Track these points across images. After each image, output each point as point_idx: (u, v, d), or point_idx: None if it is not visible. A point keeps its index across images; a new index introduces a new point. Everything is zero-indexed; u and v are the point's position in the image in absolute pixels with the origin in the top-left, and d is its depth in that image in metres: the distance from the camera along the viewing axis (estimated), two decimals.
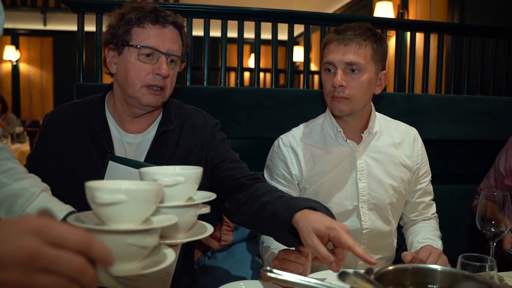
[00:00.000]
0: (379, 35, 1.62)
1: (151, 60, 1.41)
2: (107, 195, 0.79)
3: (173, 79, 1.48)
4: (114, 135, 1.49)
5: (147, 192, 0.84)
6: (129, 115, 1.50)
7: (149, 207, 0.85)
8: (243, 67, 2.42)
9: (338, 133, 1.67)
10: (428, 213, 1.80)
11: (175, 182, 0.95)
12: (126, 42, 1.41)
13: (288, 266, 1.26)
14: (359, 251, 1.09)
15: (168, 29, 1.44)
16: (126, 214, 0.82)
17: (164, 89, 1.44)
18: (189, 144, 1.53)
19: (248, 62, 8.66)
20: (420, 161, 1.75)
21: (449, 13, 4.54)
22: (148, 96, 1.42)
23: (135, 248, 0.82)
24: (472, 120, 2.45)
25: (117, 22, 1.43)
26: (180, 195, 0.98)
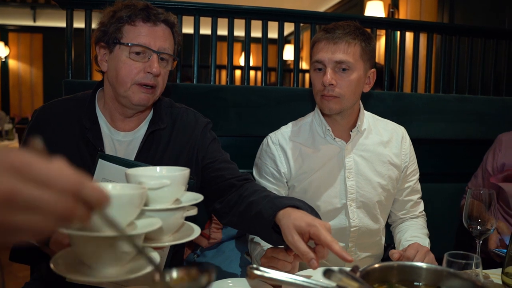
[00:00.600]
0: (368, 34, 1.63)
1: (142, 58, 1.40)
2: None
3: (165, 77, 1.47)
4: (105, 132, 1.48)
5: (130, 197, 0.82)
6: (120, 113, 1.49)
7: (132, 211, 0.83)
8: (233, 65, 2.41)
9: (327, 132, 1.67)
10: (416, 211, 1.81)
11: (161, 185, 0.93)
12: (117, 40, 1.40)
13: (276, 264, 1.27)
14: (337, 248, 1.09)
15: (160, 27, 1.43)
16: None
17: (155, 87, 1.43)
18: (180, 144, 1.52)
19: (239, 60, 8.64)
20: (408, 159, 1.77)
21: (439, 13, 4.57)
22: (139, 95, 1.41)
23: (118, 253, 0.81)
24: (461, 119, 2.47)
25: (108, 20, 1.42)
26: (166, 197, 0.96)
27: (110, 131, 1.49)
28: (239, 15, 2.35)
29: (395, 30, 2.71)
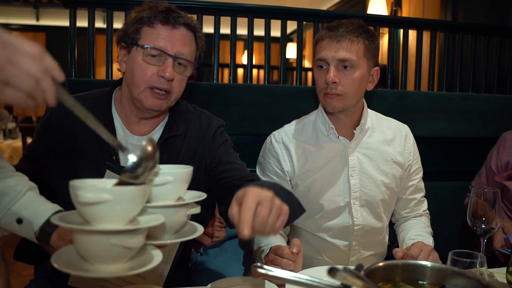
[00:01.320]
0: (371, 32, 1.63)
1: (157, 62, 1.36)
2: (91, 194, 0.77)
3: (181, 83, 1.43)
4: (120, 135, 1.46)
5: (132, 192, 0.81)
6: (135, 115, 1.46)
7: (135, 207, 0.83)
8: (236, 64, 2.41)
9: (330, 130, 1.67)
10: (419, 210, 1.81)
11: (164, 182, 0.93)
12: (135, 42, 1.38)
13: (279, 263, 1.27)
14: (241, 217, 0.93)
15: (179, 31, 1.39)
16: (110, 214, 0.79)
17: (169, 92, 1.39)
18: (192, 149, 1.50)
19: (242, 58, 8.65)
20: (412, 158, 1.76)
21: (442, 10, 4.55)
22: (151, 100, 1.38)
23: (120, 249, 0.80)
24: (464, 118, 2.46)
25: (131, 20, 1.40)
26: (169, 195, 0.96)
27: (125, 133, 1.46)
28: (242, 13, 2.35)
29: (398, 28, 2.71)
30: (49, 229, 1.12)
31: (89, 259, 0.82)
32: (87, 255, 0.82)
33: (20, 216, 1.12)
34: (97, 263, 0.82)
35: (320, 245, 1.72)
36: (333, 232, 1.70)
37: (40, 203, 1.16)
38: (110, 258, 0.82)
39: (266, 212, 0.95)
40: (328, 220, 1.69)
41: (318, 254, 1.74)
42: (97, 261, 0.82)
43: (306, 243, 1.71)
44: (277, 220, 0.98)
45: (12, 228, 1.13)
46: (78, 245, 0.82)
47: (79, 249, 0.82)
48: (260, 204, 0.95)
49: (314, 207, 1.68)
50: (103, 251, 0.80)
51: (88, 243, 0.80)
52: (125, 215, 0.82)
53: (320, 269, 1.38)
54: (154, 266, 0.84)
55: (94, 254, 0.81)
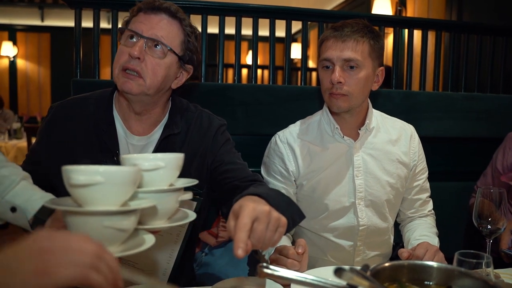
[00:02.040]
0: (376, 32, 1.62)
1: (132, 44, 1.36)
2: (83, 177, 0.78)
3: (156, 68, 1.38)
4: (120, 135, 1.46)
5: (124, 174, 0.83)
6: (131, 111, 1.45)
7: (126, 190, 0.84)
8: (240, 64, 2.41)
9: (335, 130, 1.67)
10: (425, 210, 1.80)
11: (155, 167, 0.94)
12: (121, 31, 1.41)
13: (285, 263, 1.26)
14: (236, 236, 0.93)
15: (159, 16, 1.39)
16: (102, 197, 0.80)
17: (140, 75, 1.36)
18: (193, 149, 1.50)
19: (246, 58, 8.64)
20: (417, 158, 1.76)
21: (447, 10, 4.54)
22: (123, 80, 1.35)
23: (113, 231, 0.81)
24: (469, 118, 2.46)
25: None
26: (161, 180, 0.97)
27: (126, 134, 1.47)
28: (247, 13, 2.35)
29: (403, 28, 2.70)
30: (43, 216, 1.13)
31: None
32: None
33: (14, 204, 1.13)
34: None
35: (325, 245, 1.72)
36: (338, 233, 1.70)
37: (34, 192, 1.16)
38: (103, 241, 0.82)
39: (263, 228, 0.96)
40: (333, 220, 1.69)
41: (323, 254, 1.74)
42: None
43: (311, 243, 1.70)
44: (274, 233, 0.99)
45: (6, 217, 1.14)
46: (71, 229, 0.83)
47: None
48: (256, 220, 0.95)
49: (319, 207, 1.68)
50: (95, 233, 0.81)
51: (81, 226, 0.82)
52: (117, 198, 0.83)
53: (325, 269, 1.37)
54: (146, 248, 0.86)
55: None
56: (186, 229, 1.37)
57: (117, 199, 0.83)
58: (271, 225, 0.98)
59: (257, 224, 0.95)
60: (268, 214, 0.98)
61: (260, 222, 0.96)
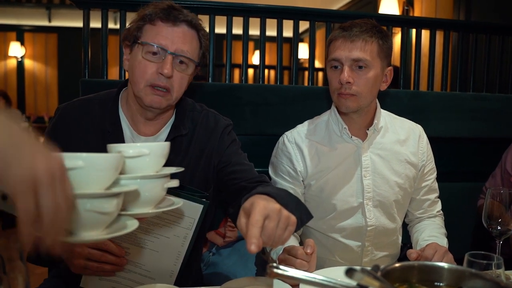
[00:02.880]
0: (385, 32, 1.62)
1: (157, 59, 1.36)
2: (65, 161, 0.78)
3: (182, 81, 1.41)
4: (127, 135, 1.46)
5: (105, 159, 0.84)
6: (141, 115, 1.46)
7: (107, 175, 0.85)
8: (247, 64, 2.41)
9: (343, 130, 1.66)
10: (433, 211, 1.80)
11: (139, 154, 0.95)
12: (136, 39, 1.38)
13: (294, 263, 1.26)
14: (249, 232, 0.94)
15: (180, 28, 1.38)
16: (84, 181, 0.81)
17: (169, 90, 1.38)
18: (199, 149, 1.50)
19: (252, 58, 8.64)
20: (426, 158, 1.75)
21: (455, 10, 4.52)
22: (151, 96, 1.37)
23: (95, 215, 0.82)
24: (478, 118, 2.44)
25: (134, 19, 1.41)
26: (145, 168, 0.97)
27: (132, 134, 1.47)
28: (254, 13, 2.35)
29: (411, 27, 2.69)
30: None
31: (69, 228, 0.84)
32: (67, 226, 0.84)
33: (4, 192, 1.14)
34: (74, 230, 0.84)
35: (333, 245, 1.72)
36: (346, 233, 1.69)
37: None
38: (86, 225, 0.83)
39: (274, 226, 0.97)
40: (341, 220, 1.69)
41: (331, 254, 1.73)
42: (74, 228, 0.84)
43: (319, 243, 1.70)
44: (284, 231, 1.00)
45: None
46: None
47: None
48: (267, 218, 0.97)
49: (327, 207, 1.68)
50: (78, 217, 0.82)
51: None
52: (98, 183, 0.84)
53: (334, 269, 1.37)
54: (130, 231, 0.87)
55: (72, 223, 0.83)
56: (193, 232, 1.36)
57: (98, 184, 0.84)
58: (281, 223, 0.99)
59: (268, 221, 0.96)
60: (279, 212, 0.99)
61: (271, 219, 0.97)
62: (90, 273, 1.28)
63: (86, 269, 1.25)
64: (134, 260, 1.35)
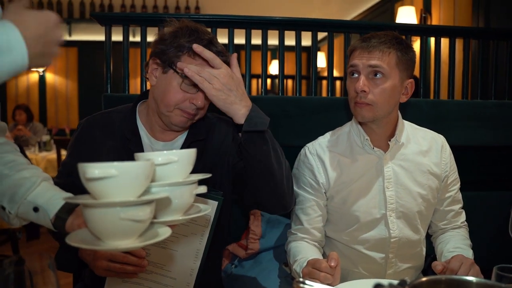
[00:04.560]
0: (406, 43, 1.61)
1: (190, 89, 1.43)
2: (97, 170, 0.81)
3: (206, 107, 1.51)
4: (145, 142, 1.55)
5: (138, 167, 0.86)
6: (160, 126, 1.54)
7: (140, 183, 0.86)
8: (267, 75, 2.43)
9: (365, 141, 1.66)
10: (457, 222, 1.77)
11: (168, 161, 0.96)
12: (174, 66, 1.43)
13: (318, 277, 1.26)
14: None
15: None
16: (117, 190, 0.83)
17: (196, 114, 1.49)
18: (216, 152, 1.58)
19: (269, 68, 8.68)
20: (449, 168, 1.73)
21: (474, 16, 4.47)
22: (180, 118, 1.46)
23: (129, 223, 0.83)
24: (501, 125, 2.40)
25: (170, 39, 1.44)
26: (174, 175, 0.99)
27: (150, 141, 1.55)
28: (272, 26, 2.37)
29: (430, 36, 2.68)
30: (64, 215, 1.19)
31: (101, 235, 0.87)
32: (99, 232, 0.86)
33: (36, 204, 1.19)
34: (109, 239, 0.86)
35: (356, 257, 1.71)
36: (369, 245, 1.68)
37: (55, 192, 1.22)
38: (121, 233, 0.85)
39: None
40: (364, 232, 1.68)
41: (354, 266, 1.72)
42: (108, 237, 0.86)
43: (342, 255, 1.69)
44: None
45: (29, 217, 1.21)
46: (90, 223, 0.86)
47: (91, 227, 0.87)
48: None
49: (350, 219, 1.67)
50: (112, 226, 0.84)
51: (98, 219, 0.85)
52: (131, 191, 0.85)
53: (358, 282, 1.37)
54: (163, 238, 0.89)
55: (104, 230, 0.85)
56: (209, 229, 1.43)
57: (131, 192, 0.85)
58: None
59: None
60: None
61: None
62: (113, 275, 1.31)
63: (109, 271, 1.29)
64: (154, 261, 1.38)
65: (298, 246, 1.65)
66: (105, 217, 0.84)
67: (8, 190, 1.19)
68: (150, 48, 1.52)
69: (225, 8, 7.36)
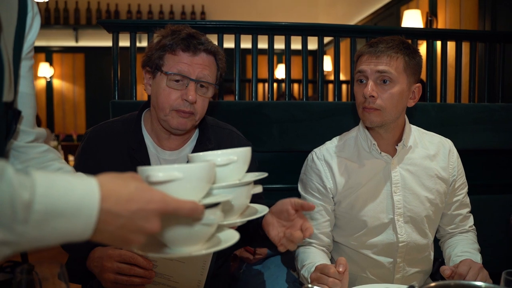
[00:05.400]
0: (413, 48, 1.62)
1: (180, 86, 1.44)
2: (161, 173, 0.78)
3: (204, 103, 1.50)
4: (151, 152, 1.54)
5: (200, 168, 0.83)
6: (165, 133, 1.54)
7: (204, 185, 0.84)
8: (273, 79, 2.43)
9: (372, 146, 1.66)
10: (465, 226, 1.77)
11: (228, 161, 0.93)
12: (159, 67, 1.46)
13: (326, 282, 1.27)
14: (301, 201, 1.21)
15: (200, 56, 1.46)
16: (182, 193, 0.78)
17: (193, 113, 1.47)
18: None
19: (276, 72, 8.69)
20: (456, 173, 1.73)
21: (480, 19, 4.46)
22: (177, 119, 1.46)
23: (200, 227, 0.81)
24: (509, 129, 2.40)
25: (154, 45, 1.48)
26: (232, 176, 0.96)
27: (157, 150, 1.55)
28: (279, 31, 2.38)
29: (437, 40, 2.68)
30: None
31: (169, 242, 0.84)
32: (168, 238, 0.84)
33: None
34: (177, 245, 0.84)
35: (364, 262, 1.71)
36: (377, 249, 1.68)
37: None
38: (191, 239, 0.83)
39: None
40: (372, 237, 1.68)
41: (362, 271, 1.72)
42: (176, 244, 0.84)
43: (350, 260, 1.69)
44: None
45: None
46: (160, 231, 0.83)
47: (161, 234, 0.83)
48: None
49: (358, 224, 1.67)
50: (184, 231, 0.81)
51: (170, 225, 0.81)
52: (196, 193, 0.82)
53: (366, 287, 1.37)
54: (233, 243, 0.86)
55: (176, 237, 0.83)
56: None
57: (196, 195, 0.82)
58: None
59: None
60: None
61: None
62: (121, 287, 1.31)
63: (117, 283, 1.29)
64: (161, 272, 1.38)
65: (306, 251, 1.65)
66: (178, 222, 0.81)
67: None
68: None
69: (231, 13, 7.39)
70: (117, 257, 1.28)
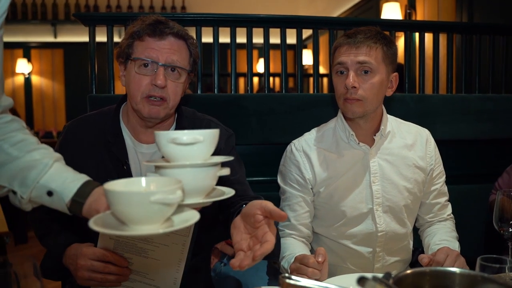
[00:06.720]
0: (389, 38, 1.63)
1: (149, 72, 1.42)
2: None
3: (177, 90, 1.47)
4: (129, 145, 1.53)
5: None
6: (141, 126, 1.52)
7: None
8: (253, 73, 2.43)
9: (351, 137, 1.67)
10: (443, 214, 1.79)
11: (194, 141, 0.94)
12: (129, 56, 1.45)
13: (305, 272, 1.27)
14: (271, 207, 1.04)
15: (167, 41, 1.44)
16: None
17: (164, 100, 1.44)
18: None
19: (256, 66, 8.67)
20: (434, 162, 1.75)
21: (458, 12, 4.51)
22: (148, 107, 1.43)
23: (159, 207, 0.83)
24: (485, 119, 2.43)
25: (125, 37, 1.48)
26: (198, 155, 0.96)
27: (134, 143, 1.53)
28: (257, 24, 2.37)
29: (414, 31, 2.70)
30: (81, 199, 1.11)
31: (127, 219, 0.86)
32: (125, 215, 0.85)
33: (50, 188, 1.10)
34: (134, 223, 0.85)
35: (344, 252, 1.72)
36: (357, 239, 1.69)
37: (68, 174, 1.14)
38: (148, 218, 0.85)
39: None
40: (351, 227, 1.69)
41: (342, 261, 1.73)
42: (134, 221, 0.85)
43: (329, 250, 1.70)
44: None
45: (43, 201, 1.12)
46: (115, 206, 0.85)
47: (117, 210, 0.85)
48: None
49: (337, 214, 1.68)
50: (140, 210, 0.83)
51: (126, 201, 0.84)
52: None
53: (346, 277, 1.37)
54: (191, 223, 0.89)
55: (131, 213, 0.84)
56: (190, 238, 1.38)
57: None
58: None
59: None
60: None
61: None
62: (96, 285, 1.30)
63: (91, 281, 1.28)
64: (137, 270, 1.37)
65: (285, 242, 1.65)
66: (132, 200, 0.82)
67: (19, 173, 1.09)
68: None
69: (211, 7, 7.35)
70: (91, 255, 1.27)
